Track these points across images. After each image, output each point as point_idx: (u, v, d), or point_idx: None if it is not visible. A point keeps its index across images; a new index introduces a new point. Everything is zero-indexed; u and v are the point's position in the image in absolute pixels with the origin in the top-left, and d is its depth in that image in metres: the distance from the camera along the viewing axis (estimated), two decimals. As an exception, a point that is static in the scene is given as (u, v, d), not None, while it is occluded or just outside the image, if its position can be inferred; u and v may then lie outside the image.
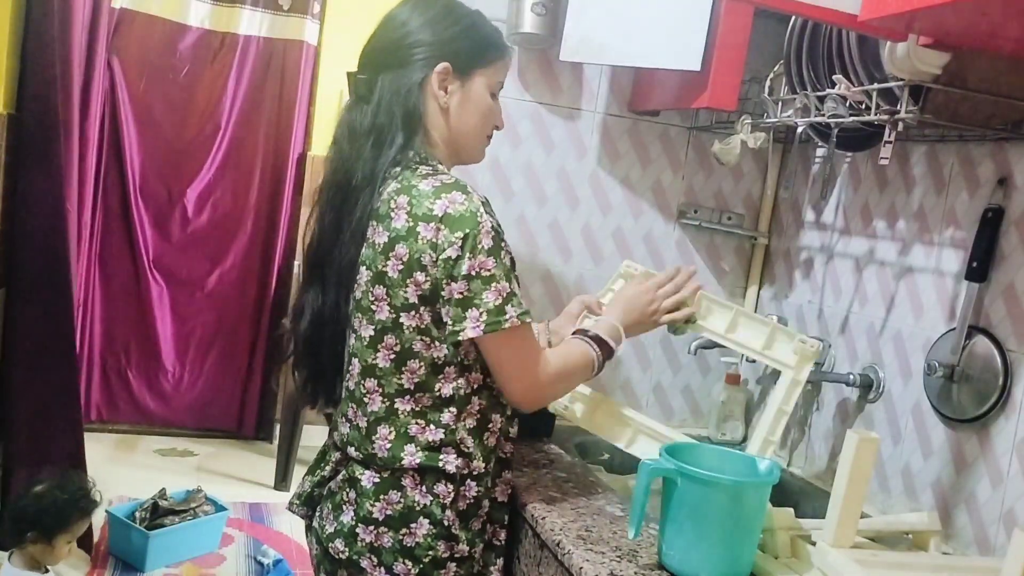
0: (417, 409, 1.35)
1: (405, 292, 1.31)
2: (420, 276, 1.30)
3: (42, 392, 2.92)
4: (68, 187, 2.88)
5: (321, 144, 4.63)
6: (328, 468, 1.47)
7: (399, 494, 1.35)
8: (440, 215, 1.28)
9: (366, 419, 1.38)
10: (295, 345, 1.48)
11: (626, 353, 2.13)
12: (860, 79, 1.48)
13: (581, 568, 1.26)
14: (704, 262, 2.17)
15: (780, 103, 1.74)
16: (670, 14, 1.76)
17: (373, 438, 1.36)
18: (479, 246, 1.28)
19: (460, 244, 1.27)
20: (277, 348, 4.46)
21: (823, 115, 1.60)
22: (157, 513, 3.17)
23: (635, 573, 1.25)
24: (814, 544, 1.33)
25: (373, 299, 1.34)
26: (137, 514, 3.15)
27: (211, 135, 4.43)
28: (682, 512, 1.23)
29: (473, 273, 1.28)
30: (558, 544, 1.34)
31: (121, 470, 4.03)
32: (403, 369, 1.34)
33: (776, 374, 1.67)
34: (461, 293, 1.28)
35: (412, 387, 1.35)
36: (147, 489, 3.33)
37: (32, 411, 2.91)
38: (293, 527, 3.53)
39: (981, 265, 1.51)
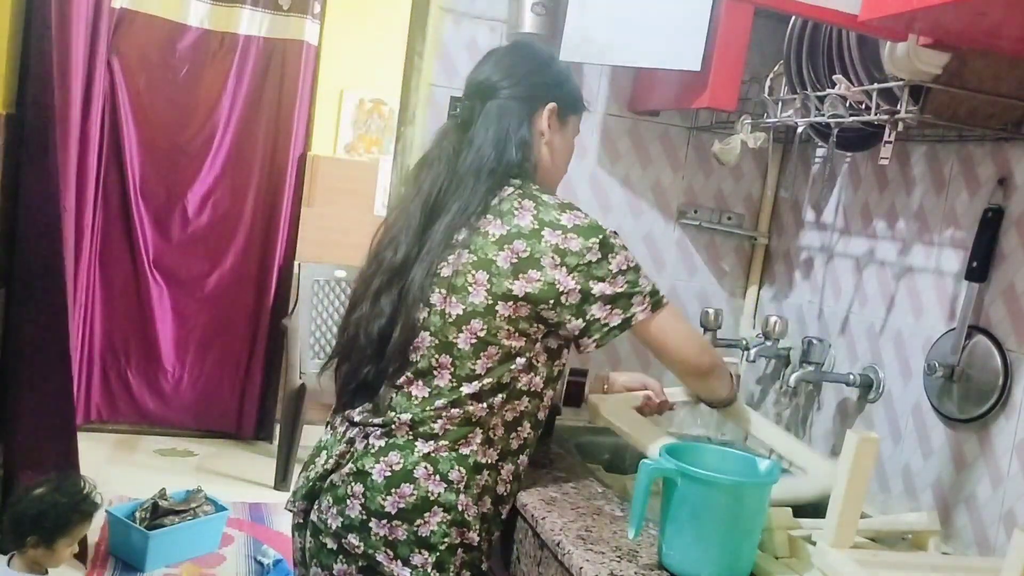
0: (477, 392, 1.40)
1: (511, 284, 1.37)
2: (535, 274, 1.37)
3: (37, 393, 2.91)
4: (65, 187, 2.87)
5: (321, 144, 4.64)
6: (331, 462, 1.47)
7: (411, 486, 1.37)
8: (569, 226, 1.40)
9: (428, 390, 1.40)
10: (357, 345, 1.48)
11: (626, 352, 2.13)
12: (860, 79, 1.48)
13: (581, 568, 1.26)
14: (704, 262, 2.17)
15: (780, 103, 1.74)
16: (670, 14, 1.76)
17: (427, 408, 1.39)
18: (616, 244, 1.41)
19: (598, 247, 1.39)
20: (278, 347, 4.48)
21: (823, 115, 1.60)
22: (157, 513, 3.17)
23: (635, 573, 1.25)
24: (814, 544, 1.33)
25: (472, 281, 1.39)
26: (137, 514, 3.15)
27: (211, 135, 4.43)
28: (682, 512, 1.23)
29: (624, 267, 1.40)
30: (558, 544, 1.34)
31: (121, 470, 4.03)
32: (480, 355, 1.39)
33: (776, 373, 1.68)
34: (621, 287, 1.40)
35: (483, 372, 1.39)
36: (147, 489, 3.33)
37: (26, 412, 2.91)
38: (293, 527, 3.53)
39: (981, 265, 1.51)
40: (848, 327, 1.85)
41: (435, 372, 1.40)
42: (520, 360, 1.41)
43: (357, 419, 1.46)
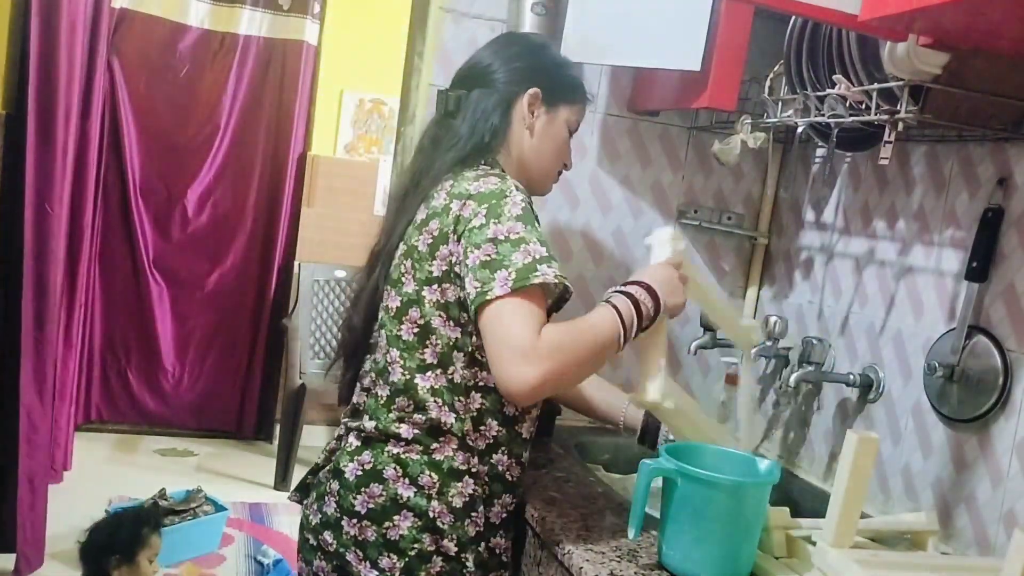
0: (436, 387, 1.36)
1: (430, 266, 1.34)
2: (444, 250, 1.33)
3: (25, 395, 2.90)
4: (47, 189, 2.85)
5: (321, 144, 4.64)
6: (322, 457, 1.48)
7: (381, 487, 1.36)
8: (472, 193, 1.32)
9: (388, 388, 1.39)
10: (350, 339, 1.50)
11: (626, 352, 2.13)
12: (860, 79, 1.48)
13: (581, 568, 1.26)
14: (704, 262, 2.17)
15: (780, 103, 1.74)
16: (670, 14, 1.76)
17: (391, 407, 1.38)
18: (505, 213, 1.28)
19: (485, 212, 1.29)
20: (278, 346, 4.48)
21: (823, 115, 1.60)
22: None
23: (635, 573, 1.25)
24: (814, 544, 1.33)
25: (403, 271, 1.38)
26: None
27: (211, 135, 4.43)
28: (682, 512, 1.23)
29: (501, 237, 1.26)
30: (558, 544, 1.34)
31: (121, 470, 4.03)
32: (426, 343, 1.36)
33: (776, 373, 1.68)
34: (488, 255, 1.25)
35: (435, 361, 1.36)
36: (147, 489, 3.33)
37: (17, 412, 2.89)
38: (293, 527, 3.52)
39: (981, 265, 1.51)
40: (848, 327, 1.85)
41: (389, 369, 1.39)
42: (461, 355, 1.35)
43: (344, 418, 1.48)
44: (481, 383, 1.37)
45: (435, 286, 1.34)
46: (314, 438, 4.27)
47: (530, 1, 1.92)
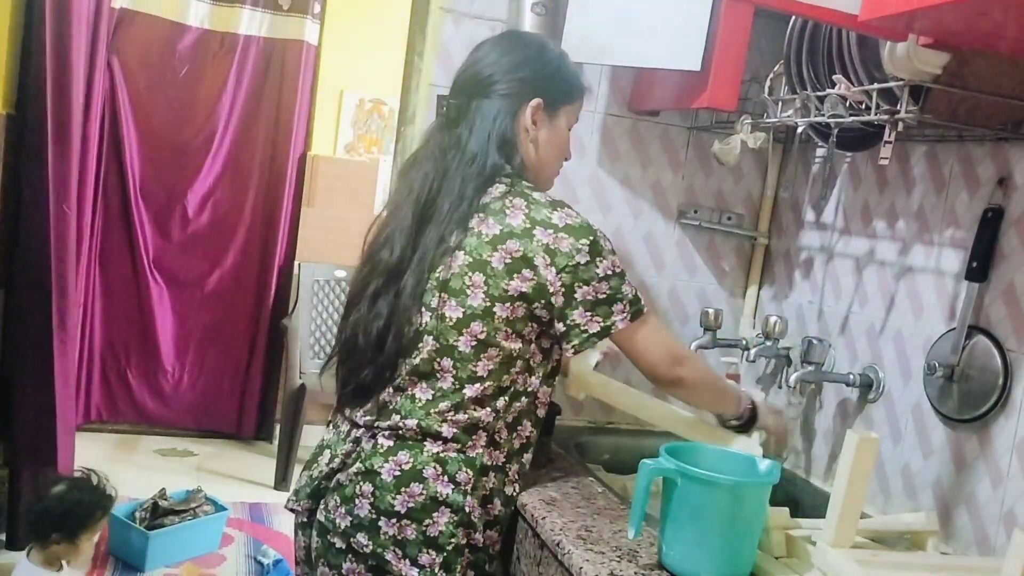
0: (479, 397, 1.40)
1: (507, 284, 1.37)
2: (527, 273, 1.37)
3: (39, 393, 2.92)
4: (67, 188, 2.88)
5: (321, 144, 4.64)
6: (336, 461, 1.46)
7: (421, 486, 1.38)
8: (560, 225, 1.38)
9: (432, 392, 1.41)
10: (356, 346, 1.48)
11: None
12: (860, 79, 1.49)
13: (581, 568, 1.26)
14: (704, 262, 2.17)
15: (780, 103, 1.74)
16: (670, 14, 1.76)
17: (432, 411, 1.40)
18: (604, 248, 1.40)
19: (588, 249, 1.38)
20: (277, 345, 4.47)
21: (823, 115, 1.60)
22: (157, 513, 3.17)
23: (635, 573, 1.25)
24: (814, 544, 1.33)
25: (469, 284, 1.39)
26: (137, 514, 3.15)
27: (211, 135, 4.43)
28: (682, 512, 1.23)
29: (610, 272, 1.39)
30: (558, 544, 1.34)
31: (121, 470, 4.02)
32: (482, 356, 1.39)
33: (776, 373, 1.68)
34: (604, 293, 1.38)
35: (485, 375, 1.40)
36: (147, 489, 3.33)
37: (31, 411, 2.92)
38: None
39: (981, 265, 1.51)
40: (848, 327, 1.85)
41: (437, 375, 1.40)
42: (519, 363, 1.42)
43: (362, 420, 1.46)
44: (530, 388, 1.46)
45: (508, 304, 1.37)
46: (314, 438, 4.22)
47: (530, 1, 1.92)
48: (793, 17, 1.67)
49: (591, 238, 1.39)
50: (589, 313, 1.38)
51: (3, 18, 2.73)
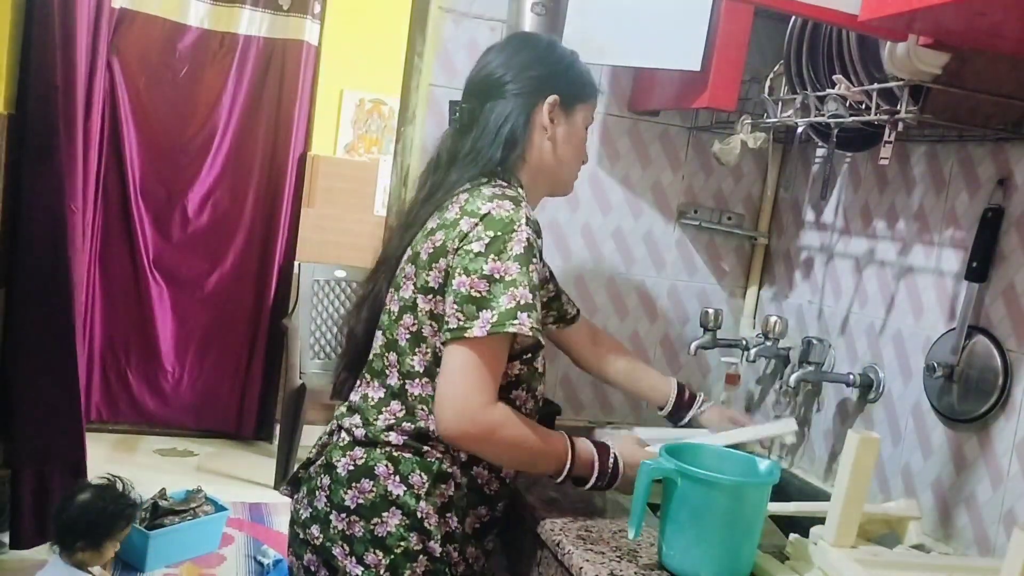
0: (422, 395, 1.37)
1: (428, 275, 1.35)
2: (443, 262, 1.34)
3: (44, 392, 2.92)
4: (71, 188, 2.88)
5: (321, 144, 4.64)
6: (314, 452, 1.49)
7: (372, 483, 1.36)
8: (483, 213, 1.32)
9: (383, 390, 1.40)
10: (353, 342, 1.52)
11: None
12: (860, 79, 1.48)
13: (581, 568, 1.26)
14: (704, 262, 2.17)
15: (780, 103, 1.74)
16: (670, 14, 1.76)
17: (383, 409, 1.39)
18: (507, 250, 1.29)
19: (488, 241, 1.29)
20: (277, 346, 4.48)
21: (823, 115, 1.60)
22: (157, 513, 3.17)
23: (635, 573, 1.25)
24: (815, 544, 1.33)
25: (404, 276, 1.39)
26: (137, 514, 3.15)
27: (211, 135, 4.43)
28: (682, 512, 1.23)
29: (496, 276, 1.28)
30: (558, 544, 1.34)
31: (121, 470, 4.00)
32: (416, 350, 1.37)
33: (776, 374, 1.67)
34: (479, 292, 1.28)
35: (422, 370, 1.37)
36: (147, 489, 3.32)
37: (34, 411, 2.92)
38: (293, 527, 3.54)
39: (981, 265, 1.51)
40: (848, 327, 1.85)
41: (387, 371, 1.41)
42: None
43: (336, 415, 1.49)
44: None
45: (430, 296, 1.35)
46: (314, 438, 4.23)
47: (530, 1, 1.91)
48: (793, 17, 1.67)
49: (499, 233, 1.29)
50: (456, 306, 1.29)
51: (3, 18, 2.73)
